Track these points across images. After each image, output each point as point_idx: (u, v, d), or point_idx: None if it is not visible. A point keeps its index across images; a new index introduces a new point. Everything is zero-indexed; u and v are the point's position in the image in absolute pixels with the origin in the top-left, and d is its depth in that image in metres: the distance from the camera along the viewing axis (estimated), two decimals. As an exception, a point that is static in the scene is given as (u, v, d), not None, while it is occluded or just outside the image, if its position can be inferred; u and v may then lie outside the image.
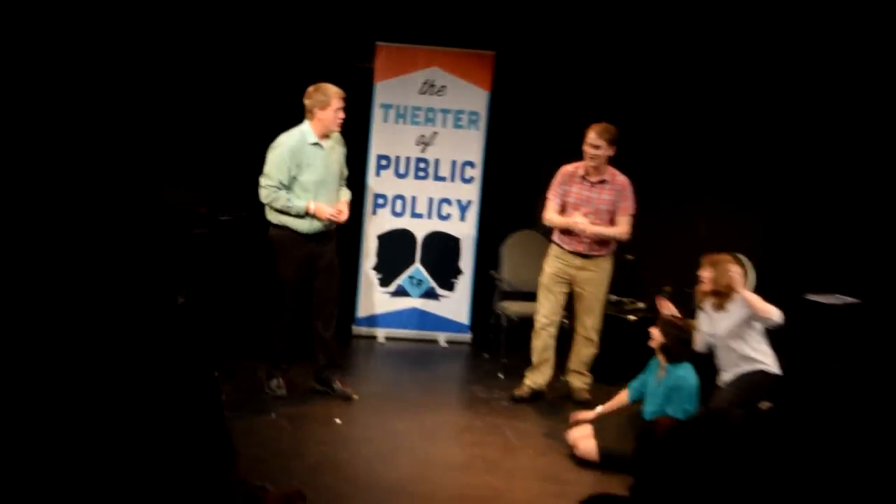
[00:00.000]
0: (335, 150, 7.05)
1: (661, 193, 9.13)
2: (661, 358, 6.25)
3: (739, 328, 6.17)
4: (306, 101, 6.91)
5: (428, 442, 6.58)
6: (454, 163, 8.86)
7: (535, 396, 7.59)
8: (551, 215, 7.49)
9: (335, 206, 6.96)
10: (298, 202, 6.84)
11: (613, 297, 8.46)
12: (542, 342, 7.55)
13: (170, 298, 7.91)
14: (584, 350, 7.61)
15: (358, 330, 8.88)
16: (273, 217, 6.93)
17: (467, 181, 8.89)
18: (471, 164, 8.86)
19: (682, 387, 6.06)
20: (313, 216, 6.85)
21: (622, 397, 6.51)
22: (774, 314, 6.03)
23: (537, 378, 7.60)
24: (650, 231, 8.95)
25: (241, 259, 8.58)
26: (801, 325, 7.97)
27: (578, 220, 7.29)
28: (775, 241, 8.53)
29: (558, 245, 7.50)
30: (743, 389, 6.11)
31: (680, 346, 6.15)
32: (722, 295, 6.20)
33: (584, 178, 7.35)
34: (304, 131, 6.91)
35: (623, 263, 8.44)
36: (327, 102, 6.84)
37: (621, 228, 7.38)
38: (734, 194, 8.84)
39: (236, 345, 8.09)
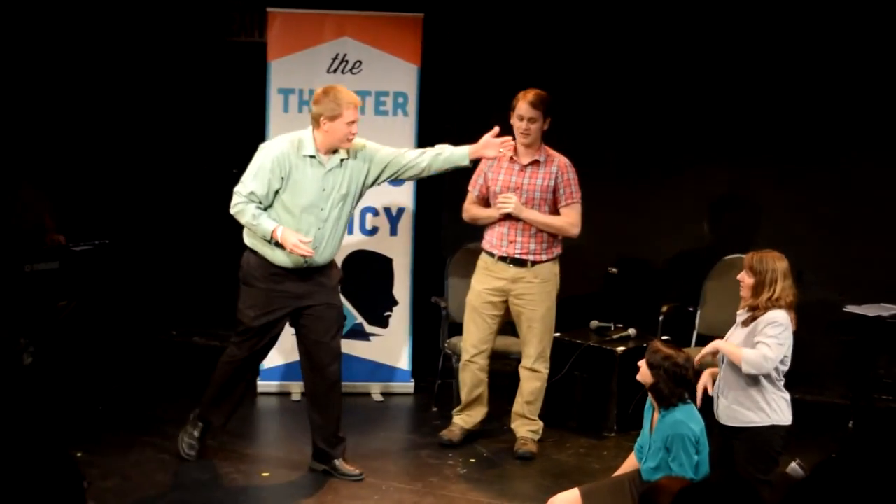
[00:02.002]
0: (345, 171, 6.99)
1: (649, 184, 9.20)
2: (652, 400, 6.21)
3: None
4: (313, 107, 6.94)
5: (364, 528, 6.53)
6: (378, 160, 8.82)
7: (469, 438, 7.77)
8: (470, 207, 7.66)
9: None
10: (266, 223, 6.84)
11: (595, 323, 8.50)
12: (471, 377, 7.73)
13: (11, 358, 7.78)
14: (526, 385, 7.68)
15: (265, 385, 8.81)
16: (246, 238, 7.01)
17: (397, 183, 8.81)
18: (400, 160, 8.82)
19: (681, 434, 6.01)
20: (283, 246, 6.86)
21: (631, 461, 6.45)
22: (753, 364, 6.04)
23: (470, 417, 7.81)
24: (640, 235, 8.98)
25: (105, 301, 8.51)
26: (844, 342, 8.10)
27: (508, 195, 7.40)
28: (808, 248, 8.65)
29: (486, 252, 7.61)
30: (758, 449, 6.11)
31: (673, 386, 6.10)
32: (758, 309, 6.17)
33: (511, 160, 7.46)
34: (303, 139, 6.94)
35: (605, 279, 8.44)
36: (338, 112, 6.85)
37: (566, 219, 7.48)
38: (753, 184, 8.97)
39: (105, 414, 8.05)
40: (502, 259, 7.54)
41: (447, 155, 7.16)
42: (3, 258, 8.12)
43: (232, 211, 6.91)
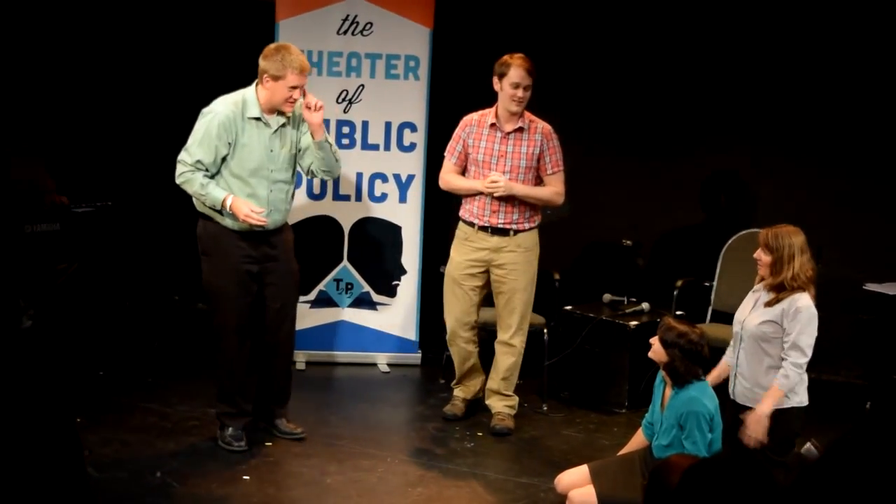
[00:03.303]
0: (289, 131, 7.02)
1: (665, 157, 9.18)
2: (665, 377, 6.18)
3: (774, 333, 6.11)
4: (260, 62, 6.89)
5: (369, 501, 6.52)
6: (388, 125, 8.78)
7: (475, 408, 7.84)
8: (449, 177, 7.63)
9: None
10: (215, 192, 6.82)
11: (608, 297, 8.50)
12: (459, 353, 7.74)
13: (10, 321, 7.80)
14: (501, 361, 7.69)
15: (268, 353, 8.79)
16: (198, 205, 6.99)
17: (407, 149, 8.80)
18: (411, 126, 8.79)
19: (696, 412, 5.99)
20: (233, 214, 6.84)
21: (639, 438, 6.43)
22: (793, 384, 6.03)
23: (468, 387, 7.86)
24: (656, 208, 8.95)
25: (107, 264, 8.52)
26: (862, 321, 8.06)
27: (497, 180, 7.36)
28: (827, 224, 8.61)
29: (465, 222, 7.60)
30: (775, 430, 6.08)
31: (688, 364, 6.06)
32: (784, 289, 6.11)
33: (493, 126, 7.43)
34: (247, 99, 6.90)
35: (619, 252, 8.43)
36: (282, 74, 6.82)
37: (553, 188, 7.49)
38: (770, 159, 8.92)
39: (106, 379, 8.07)
40: (483, 229, 7.50)
41: (311, 145, 7.07)
42: (3, 219, 8.11)
43: (178, 181, 6.88)
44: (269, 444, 7.21)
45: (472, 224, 7.53)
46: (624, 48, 9.22)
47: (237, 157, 6.86)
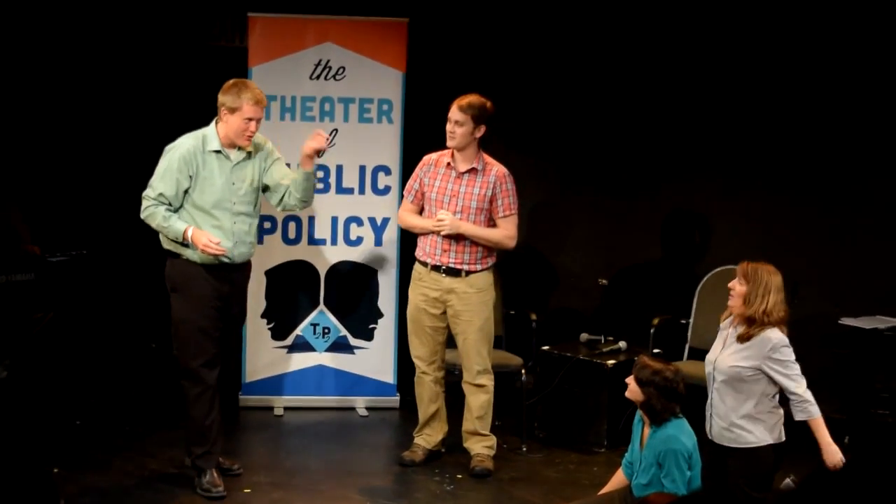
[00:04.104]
0: (251, 165, 7.09)
1: (638, 195, 9.22)
2: (643, 416, 6.21)
3: (750, 374, 6.11)
4: (219, 96, 7.00)
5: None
6: (363, 169, 8.81)
7: (432, 457, 7.76)
8: (405, 215, 7.69)
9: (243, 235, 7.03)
10: (177, 224, 6.89)
11: (585, 336, 8.50)
12: (427, 391, 7.73)
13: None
14: (473, 400, 7.68)
15: (246, 400, 8.77)
16: (165, 243, 7.04)
17: (382, 192, 8.83)
18: (385, 169, 8.82)
19: (674, 450, 6.01)
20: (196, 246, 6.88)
21: (619, 477, 6.45)
22: (800, 388, 6.05)
23: (430, 436, 7.80)
24: (631, 247, 8.99)
25: (82, 313, 8.53)
26: (839, 356, 8.10)
27: (443, 218, 7.39)
28: (803, 259, 8.65)
29: (419, 262, 7.62)
30: (753, 467, 6.10)
31: (664, 401, 6.09)
32: (755, 324, 6.12)
33: (448, 166, 7.50)
34: (207, 134, 7.01)
35: (596, 291, 8.45)
36: (237, 106, 6.91)
37: (504, 231, 7.50)
38: (744, 195, 8.98)
39: (83, 429, 8.04)
40: (436, 268, 7.52)
41: (295, 175, 7.16)
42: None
43: (142, 216, 6.96)
44: (248, 490, 7.16)
45: (425, 264, 7.55)
46: (595, 88, 9.28)
47: (198, 190, 6.93)
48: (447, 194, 7.47)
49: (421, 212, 7.61)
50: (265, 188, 7.19)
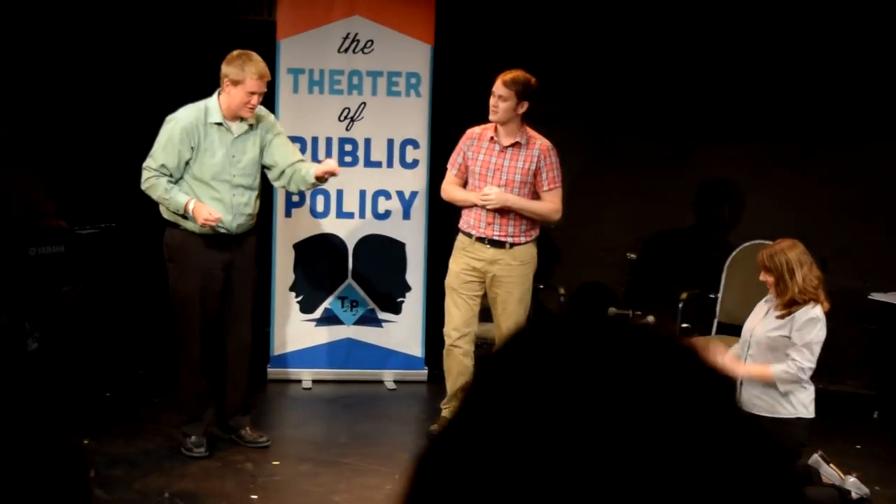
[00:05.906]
0: (252, 138, 7.11)
1: (668, 168, 9.20)
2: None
3: (785, 343, 6.13)
4: (222, 67, 7.00)
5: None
6: (391, 142, 8.82)
7: None
8: (449, 188, 7.69)
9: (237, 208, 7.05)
10: (178, 196, 6.92)
11: (613, 311, 8.48)
12: (456, 364, 7.68)
13: (15, 344, 7.81)
14: None
15: (274, 373, 8.81)
16: (165, 213, 7.08)
17: (410, 166, 8.84)
18: (413, 142, 8.83)
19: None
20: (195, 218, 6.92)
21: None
22: (789, 381, 6.04)
23: None
24: (660, 221, 8.98)
25: (113, 284, 8.55)
26: (869, 331, 8.08)
27: (490, 192, 7.40)
28: (832, 233, 8.63)
29: (463, 233, 7.63)
30: (784, 439, 6.10)
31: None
32: (797, 303, 6.12)
33: (492, 140, 7.49)
34: (209, 106, 7.02)
35: (624, 265, 8.45)
36: (240, 79, 6.90)
37: (549, 205, 7.51)
38: (775, 169, 8.96)
39: (112, 400, 8.08)
40: (480, 240, 7.52)
41: (302, 173, 7.17)
42: (7, 241, 8.14)
43: (143, 186, 7.00)
44: (276, 462, 7.20)
45: (469, 235, 7.57)
46: (626, 60, 9.25)
47: (199, 162, 6.96)
48: (491, 168, 7.48)
49: (465, 185, 7.62)
50: (264, 165, 7.23)
